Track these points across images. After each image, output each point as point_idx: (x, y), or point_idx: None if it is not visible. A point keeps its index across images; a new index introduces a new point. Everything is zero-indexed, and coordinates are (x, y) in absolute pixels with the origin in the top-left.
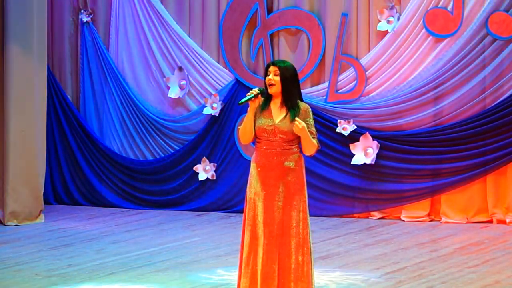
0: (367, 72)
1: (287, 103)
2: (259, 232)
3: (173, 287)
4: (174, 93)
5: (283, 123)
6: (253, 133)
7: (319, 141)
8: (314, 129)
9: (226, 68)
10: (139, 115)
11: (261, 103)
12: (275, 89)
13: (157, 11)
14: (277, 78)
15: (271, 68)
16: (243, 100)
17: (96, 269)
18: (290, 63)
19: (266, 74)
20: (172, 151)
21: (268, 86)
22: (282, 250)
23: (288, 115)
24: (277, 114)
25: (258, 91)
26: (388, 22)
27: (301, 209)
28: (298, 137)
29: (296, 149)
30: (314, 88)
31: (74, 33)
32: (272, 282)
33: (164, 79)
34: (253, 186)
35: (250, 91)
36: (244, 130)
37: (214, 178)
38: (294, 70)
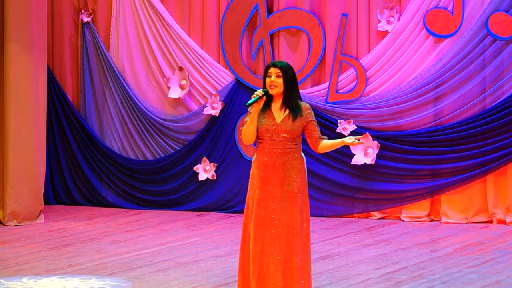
0: (367, 72)
1: (288, 104)
2: (261, 232)
3: (173, 287)
4: (174, 93)
5: (285, 122)
6: (256, 134)
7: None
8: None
9: (226, 68)
10: (139, 115)
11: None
12: (277, 90)
13: (157, 11)
14: (280, 80)
15: (272, 70)
16: (250, 102)
17: (96, 269)
18: (288, 63)
19: (266, 76)
20: (172, 151)
21: (269, 88)
22: (287, 250)
23: (290, 115)
24: (278, 114)
25: (263, 92)
26: (388, 22)
27: (304, 209)
28: (300, 136)
29: (298, 148)
30: (315, 88)
31: (74, 33)
32: (272, 282)
33: (165, 79)
34: (256, 187)
35: (255, 93)
36: (247, 131)
37: (214, 178)
38: (293, 70)
